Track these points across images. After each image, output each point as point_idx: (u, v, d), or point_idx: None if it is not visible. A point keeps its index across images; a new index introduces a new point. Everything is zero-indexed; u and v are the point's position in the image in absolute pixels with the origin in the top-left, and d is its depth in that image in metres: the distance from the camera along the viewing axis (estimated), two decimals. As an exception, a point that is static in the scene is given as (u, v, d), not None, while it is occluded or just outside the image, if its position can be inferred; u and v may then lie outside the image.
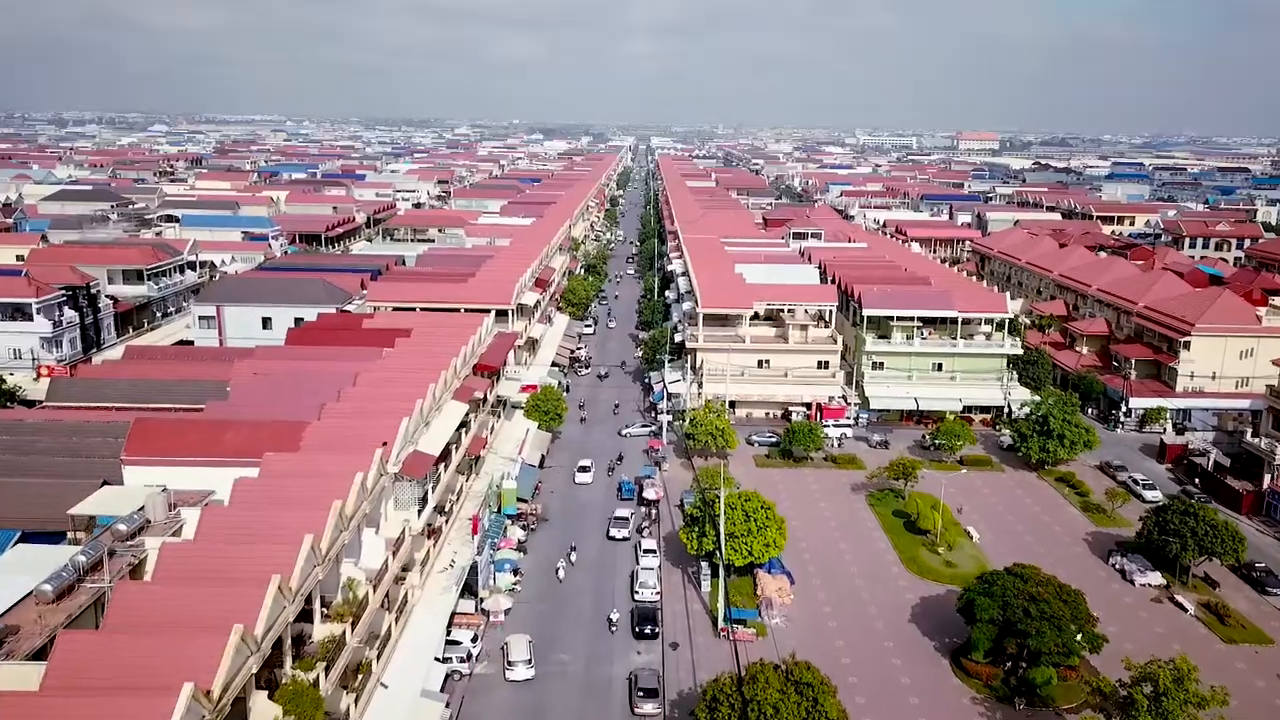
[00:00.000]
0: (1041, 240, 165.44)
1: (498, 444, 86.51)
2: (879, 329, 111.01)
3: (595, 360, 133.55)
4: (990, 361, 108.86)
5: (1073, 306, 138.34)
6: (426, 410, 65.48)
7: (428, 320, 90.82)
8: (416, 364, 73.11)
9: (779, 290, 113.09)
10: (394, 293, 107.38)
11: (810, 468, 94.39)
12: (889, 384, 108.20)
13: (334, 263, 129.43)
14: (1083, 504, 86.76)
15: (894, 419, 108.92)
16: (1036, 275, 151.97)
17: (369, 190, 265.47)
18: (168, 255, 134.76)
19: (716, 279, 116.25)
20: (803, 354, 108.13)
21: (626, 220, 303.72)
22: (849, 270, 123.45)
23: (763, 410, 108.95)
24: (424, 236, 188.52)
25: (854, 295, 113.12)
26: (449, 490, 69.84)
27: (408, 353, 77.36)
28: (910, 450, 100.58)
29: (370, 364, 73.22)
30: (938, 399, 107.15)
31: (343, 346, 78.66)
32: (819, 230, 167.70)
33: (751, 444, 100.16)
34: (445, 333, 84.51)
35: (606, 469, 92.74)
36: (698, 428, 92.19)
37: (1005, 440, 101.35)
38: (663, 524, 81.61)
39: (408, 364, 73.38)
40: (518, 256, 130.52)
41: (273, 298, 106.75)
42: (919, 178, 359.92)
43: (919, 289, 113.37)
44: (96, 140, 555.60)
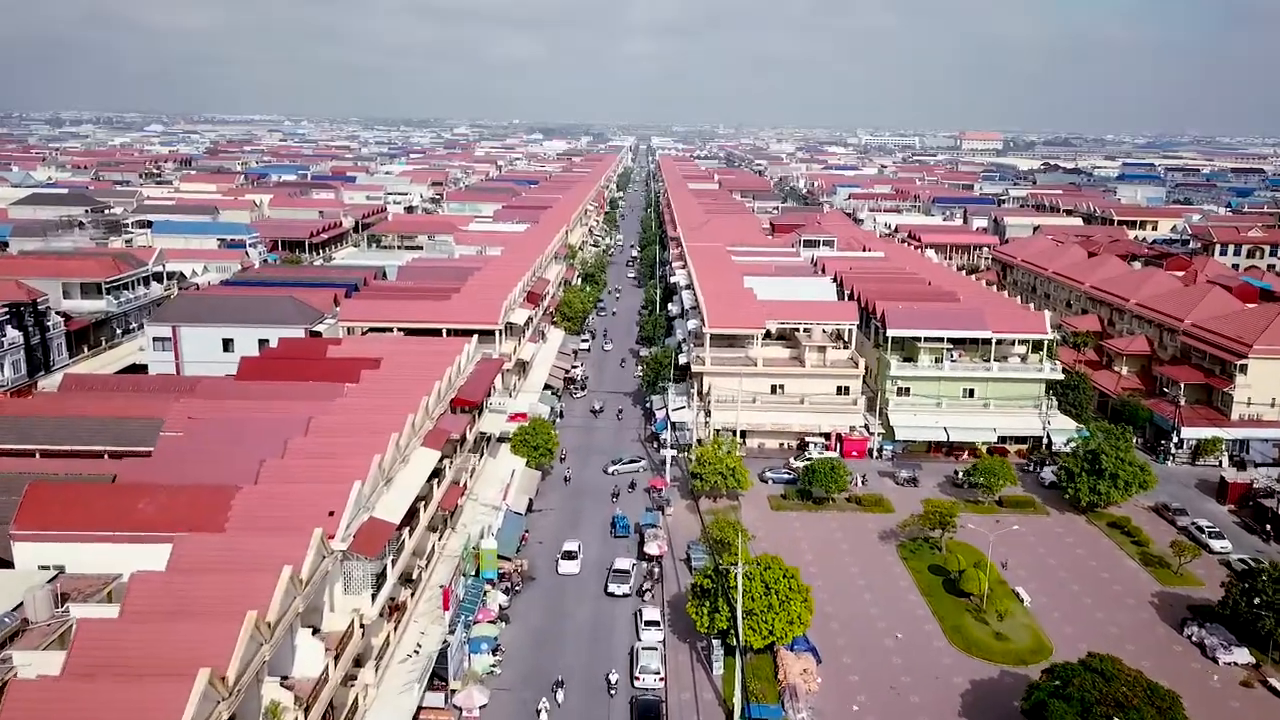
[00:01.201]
0: (1068, 248, 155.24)
1: (479, 487, 76.33)
2: (903, 350, 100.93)
3: (591, 383, 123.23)
4: (1027, 387, 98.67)
5: (1107, 322, 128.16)
6: (389, 465, 55.33)
7: (401, 347, 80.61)
8: (381, 405, 62.94)
9: (793, 308, 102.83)
10: (370, 311, 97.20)
11: (832, 511, 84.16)
12: (916, 412, 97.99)
13: (310, 275, 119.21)
14: (1142, 556, 76.51)
15: (920, 449, 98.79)
16: (1065, 287, 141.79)
17: (359, 193, 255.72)
18: (130, 266, 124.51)
19: (724, 295, 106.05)
20: (821, 378, 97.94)
21: (627, 223, 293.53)
22: (868, 284, 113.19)
23: (776, 440, 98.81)
24: (412, 244, 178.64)
25: (876, 313, 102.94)
26: (417, 555, 59.72)
27: (373, 389, 67.18)
28: (941, 488, 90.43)
29: (329, 404, 63.06)
30: (970, 429, 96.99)
31: (300, 382, 68.41)
32: (831, 238, 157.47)
33: (765, 481, 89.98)
34: (419, 362, 74.31)
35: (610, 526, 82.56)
36: (705, 466, 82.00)
37: (1047, 477, 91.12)
38: (667, 582, 71.42)
39: (371, 404, 63.22)
40: (508, 268, 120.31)
41: (235, 317, 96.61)
42: (927, 179, 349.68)
43: (947, 306, 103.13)
44: (89, 140, 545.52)
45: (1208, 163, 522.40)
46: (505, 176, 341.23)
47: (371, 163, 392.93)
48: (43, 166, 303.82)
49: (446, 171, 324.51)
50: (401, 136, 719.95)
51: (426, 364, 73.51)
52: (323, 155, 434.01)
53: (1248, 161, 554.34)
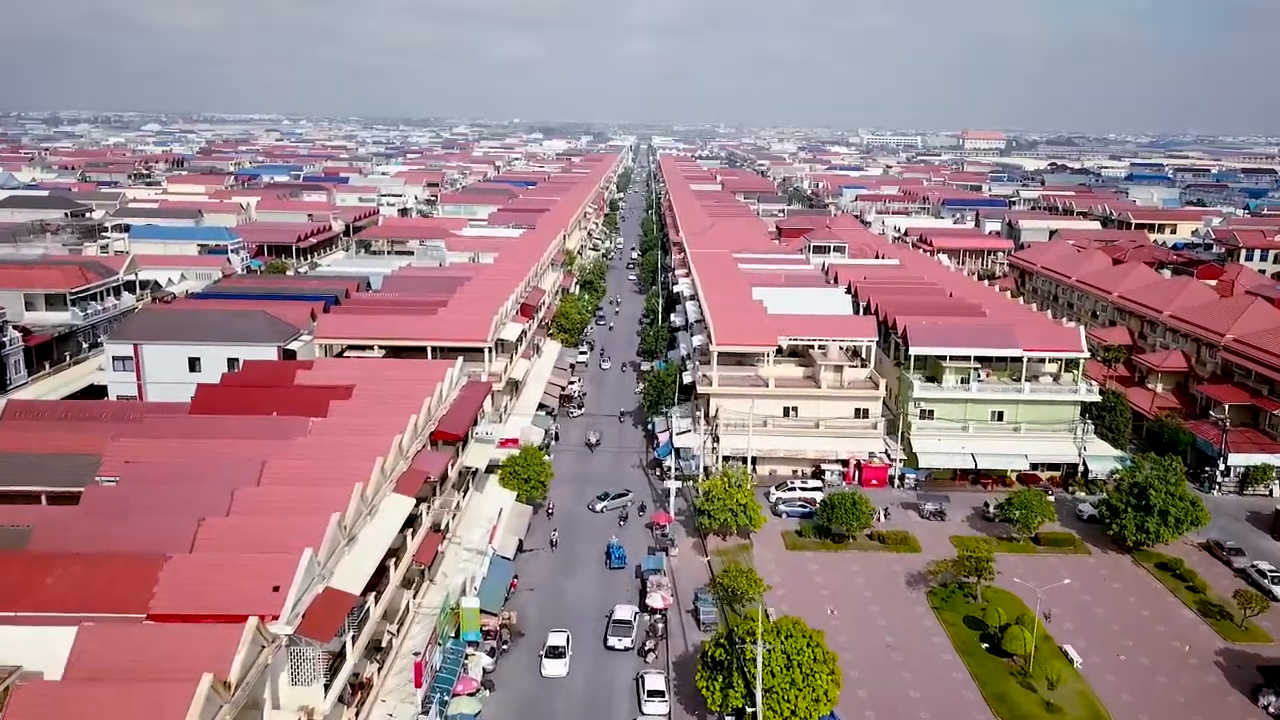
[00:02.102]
0: (1091, 255, 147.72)
1: (463, 529, 68.73)
2: (925, 369, 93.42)
3: (589, 399, 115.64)
4: (1061, 410, 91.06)
5: (1138, 334, 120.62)
6: (352, 522, 47.79)
7: (377, 372, 72.94)
8: (348, 445, 55.41)
9: (807, 323, 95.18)
10: (348, 327, 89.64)
11: (853, 550, 76.52)
12: (941, 437, 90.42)
13: (288, 286, 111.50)
14: (1199, 605, 68.91)
15: (944, 476, 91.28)
16: (1090, 296, 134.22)
17: (352, 195, 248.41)
18: (99, 275, 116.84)
19: (732, 309, 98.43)
20: (838, 400, 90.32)
21: (627, 225, 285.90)
22: (886, 296, 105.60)
23: (788, 467, 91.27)
24: (403, 249, 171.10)
25: (896, 329, 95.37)
26: (387, 617, 52.17)
27: (341, 425, 59.58)
28: (970, 522, 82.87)
29: (288, 444, 55.52)
30: (999, 455, 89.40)
31: (259, 417, 60.81)
32: (842, 244, 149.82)
33: (779, 514, 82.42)
34: (395, 391, 66.72)
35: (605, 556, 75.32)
36: (713, 503, 74.39)
37: (1086, 510, 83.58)
38: (673, 638, 63.85)
39: (336, 445, 55.67)
40: (501, 278, 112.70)
41: (202, 334, 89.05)
42: (934, 180, 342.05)
43: (974, 322, 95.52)
44: (82, 140, 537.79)
45: (1215, 163, 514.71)
46: (503, 177, 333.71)
47: (367, 163, 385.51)
48: (28, 167, 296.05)
49: (443, 172, 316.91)
50: (400, 136, 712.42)
51: (404, 392, 65.94)
52: (318, 155, 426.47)
53: (1255, 161, 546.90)
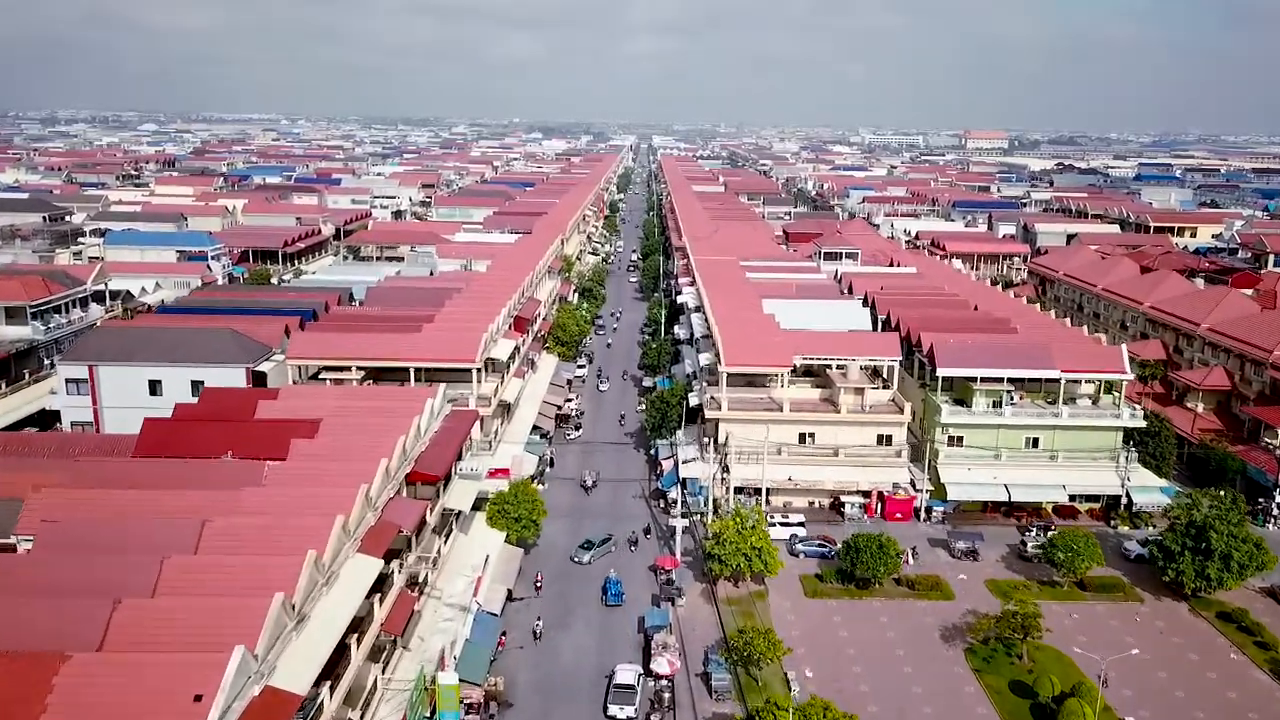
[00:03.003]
0: (1117, 262, 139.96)
1: (444, 579, 61.13)
2: (952, 391, 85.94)
3: (587, 418, 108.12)
4: (1101, 436, 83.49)
5: (1172, 348, 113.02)
6: (302, 599, 40.25)
7: (348, 401, 65.32)
8: (307, 496, 47.90)
9: (825, 341, 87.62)
10: (323, 346, 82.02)
11: (880, 597, 68.91)
12: (971, 466, 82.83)
13: (264, 299, 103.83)
14: (1271, 665, 61.33)
15: (974, 508, 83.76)
16: (1119, 306, 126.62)
17: (344, 197, 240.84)
18: (64, 286, 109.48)
19: (742, 324, 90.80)
20: (858, 426, 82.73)
21: (628, 227, 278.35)
22: (907, 310, 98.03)
23: (804, 498, 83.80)
24: (394, 254, 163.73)
25: (921, 347, 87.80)
26: (349, 701, 44.57)
27: (301, 470, 52.06)
28: (1006, 562, 75.31)
29: (237, 497, 47.98)
30: (1034, 486, 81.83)
31: (208, 461, 53.28)
32: (854, 249, 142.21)
33: (795, 554, 74.89)
34: (367, 424, 59.20)
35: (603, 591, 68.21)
36: (725, 546, 66.82)
37: (1133, 548, 76.03)
38: (681, 708, 56.30)
39: (294, 496, 48.14)
40: (493, 290, 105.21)
41: (164, 354, 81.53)
42: (940, 180, 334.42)
43: (1005, 339, 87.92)
44: (75, 140, 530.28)
45: (1222, 163, 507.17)
46: (500, 178, 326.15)
47: (363, 164, 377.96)
48: (12, 168, 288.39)
49: (439, 173, 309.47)
50: (399, 136, 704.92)
51: (375, 429, 58.40)
52: (313, 156, 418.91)
53: (1263, 161, 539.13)
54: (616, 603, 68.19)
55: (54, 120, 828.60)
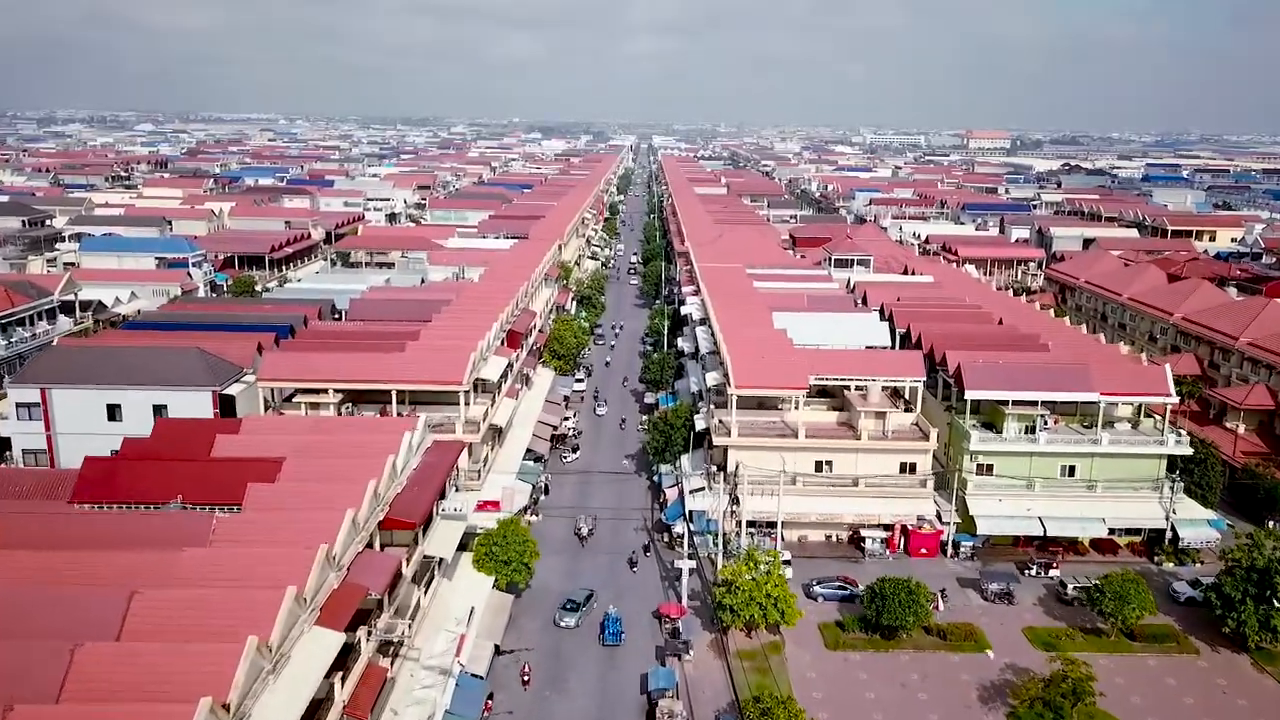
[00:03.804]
0: (1143, 269, 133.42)
1: (422, 637, 54.38)
2: (979, 414, 79.31)
3: (585, 439, 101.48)
4: (1143, 465, 76.79)
5: (1208, 363, 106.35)
6: (239, 698, 33.51)
7: (317, 436, 58.50)
8: (257, 558, 41.24)
9: (842, 360, 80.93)
10: (298, 367, 75.31)
11: (908, 649, 62.23)
12: (1002, 497, 76.13)
13: (239, 313, 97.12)
14: (1352, 731, 54.84)
15: (1005, 542, 77.12)
16: (1146, 317, 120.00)
17: (337, 199, 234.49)
18: (28, 297, 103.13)
19: (751, 341, 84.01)
20: (880, 453, 76.01)
21: (628, 229, 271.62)
22: (928, 324, 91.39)
23: (820, 532, 77.19)
24: (384, 260, 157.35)
25: (946, 366, 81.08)
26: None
27: (256, 522, 45.40)
28: (1043, 605, 68.64)
29: (178, 558, 41.31)
30: (1072, 520, 75.14)
31: (148, 513, 46.61)
32: (866, 256, 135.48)
33: (813, 597, 68.24)
34: (335, 467, 52.51)
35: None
36: (737, 596, 60.16)
37: (1182, 590, 69.40)
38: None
39: (243, 560, 41.45)
40: (485, 302, 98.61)
41: (124, 376, 74.82)
42: (947, 181, 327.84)
43: (1040, 359, 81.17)
44: (69, 141, 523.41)
45: (1228, 163, 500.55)
46: (498, 180, 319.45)
47: (359, 164, 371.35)
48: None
49: (435, 174, 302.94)
50: (397, 136, 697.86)
51: (345, 469, 51.74)
52: (308, 156, 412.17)
53: (1269, 161, 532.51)
54: (615, 642, 62.66)
55: (51, 120, 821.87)
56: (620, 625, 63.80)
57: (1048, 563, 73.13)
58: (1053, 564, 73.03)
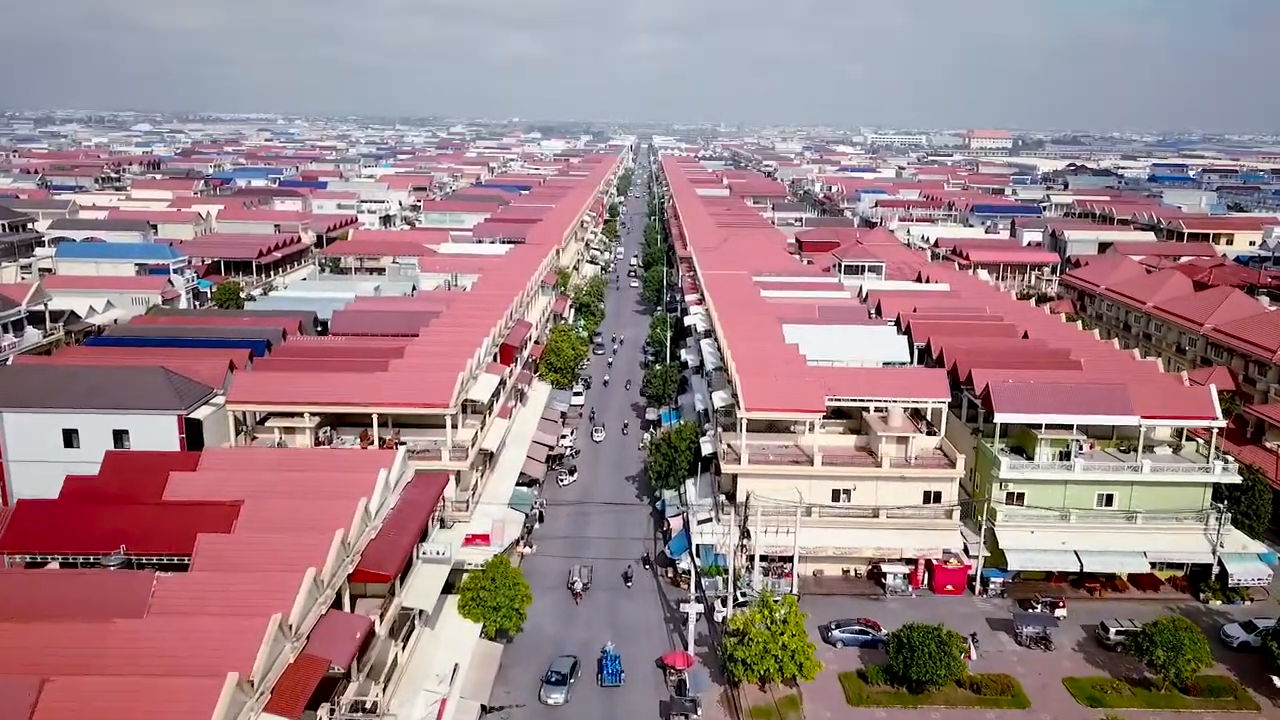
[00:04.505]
0: (1167, 276, 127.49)
1: (399, 699, 48.40)
2: (1008, 438, 73.45)
3: (583, 456, 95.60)
4: (1187, 493, 70.84)
5: (1242, 377, 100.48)
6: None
7: (282, 472, 52.45)
8: (199, 633, 35.36)
9: (861, 379, 74.94)
10: (270, 388, 69.31)
11: (939, 705, 56.28)
12: (1034, 529, 70.22)
13: (213, 326, 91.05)
14: None
15: (1037, 576, 71.23)
16: (1174, 327, 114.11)
17: (330, 201, 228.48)
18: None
19: (762, 359, 78.00)
20: (902, 481, 70.12)
21: (629, 233, 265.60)
22: (950, 338, 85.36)
23: (837, 567, 71.34)
24: (375, 265, 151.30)
25: (973, 385, 75.08)
26: None
27: (201, 586, 39.50)
28: (1083, 650, 62.80)
29: (105, 634, 35.42)
30: (1111, 554, 69.25)
31: (82, 573, 40.71)
32: (878, 262, 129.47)
33: (831, 642, 62.39)
34: (299, 513, 46.54)
35: None
36: (751, 648, 54.27)
37: (1235, 634, 63.53)
38: None
39: (178, 636, 35.56)
40: (478, 312, 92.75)
41: (83, 398, 68.86)
42: (952, 182, 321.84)
43: (1070, 377, 75.15)
44: (63, 141, 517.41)
45: (1234, 163, 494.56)
46: (496, 181, 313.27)
47: (355, 165, 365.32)
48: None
49: (431, 176, 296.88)
50: (396, 136, 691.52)
51: (310, 514, 45.83)
52: (304, 157, 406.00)
53: (1275, 161, 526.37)
54: (614, 682, 57.75)
55: (49, 120, 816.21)
56: (619, 664, 58.73)
57: (1054, 601, 67.24)
58: (1058, 602, 67.10)
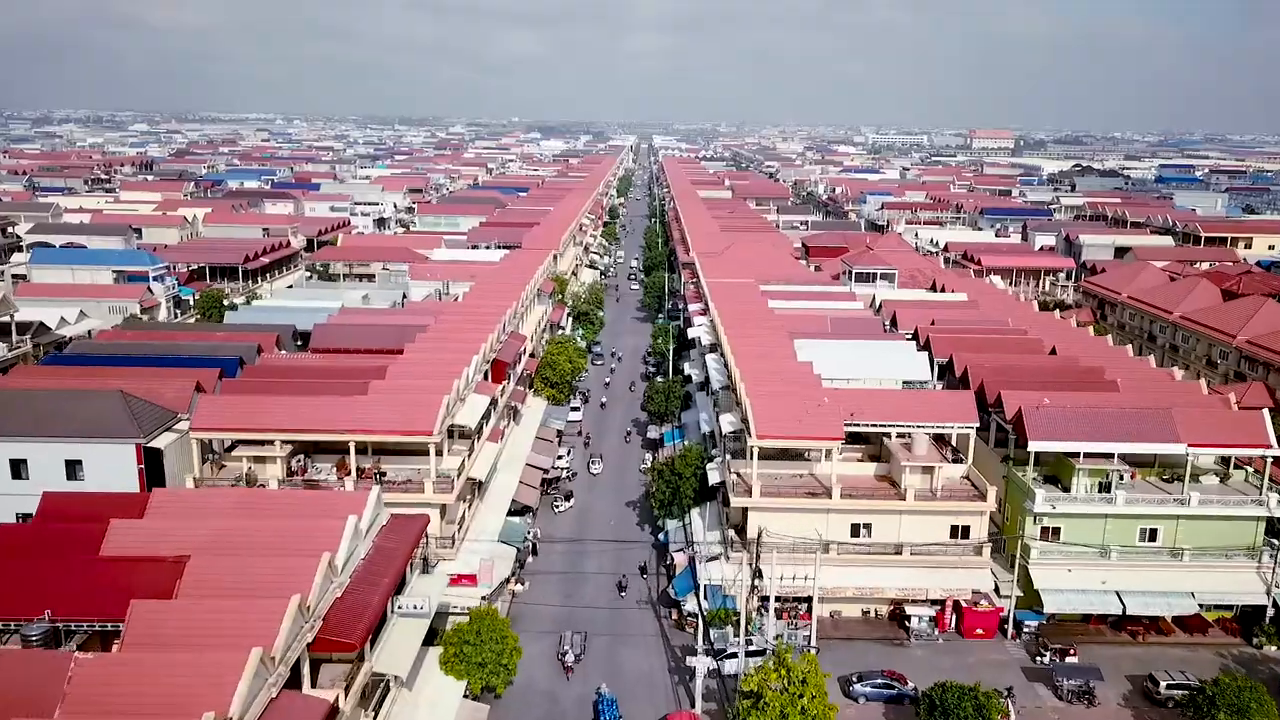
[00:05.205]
0: (1193, 284, 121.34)
1: (372, 781, 42.62)
2: (1040, 467, 67.61)
3: (578, 480, 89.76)
4: (1238, 528, 64.96)
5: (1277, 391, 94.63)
6: None
7: (237, 524, 46.43)
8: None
9: (881, 402, 68.92)
10: (239, 413, 63.42)
11: (975, 774, 50.65)
12: (1071, 567, 64.36)
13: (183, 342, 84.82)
14: None
15: (1074, 618, 65.43)
16: (1204, 339, 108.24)
17: (322, 203, 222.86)
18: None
19: (773, 379, 72.07)
20: (928, 515, 64.26)
21: (629, 235, 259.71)
22: (975, 355, 79.50)
23: (856, 607, 65.55)
24: (365, 271, 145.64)
25: (1003, 409, 69.19)
26: None
27: (129, 665, 33.67)
28: (1130, 705, 56.99)
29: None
30: (1155, 595, 63.42)
31: (12, 625, 34.89)
32: (890, 269, 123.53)
33: (853, 697, 56.58)
34: (251, 571, 40.66)
35: None
36: (765, 714, 48.38)
37: (1296, 687, 57.79)
38: None
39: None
40: (468, 326, 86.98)
41: (33, 425, 62.84)
42: (958, 183, 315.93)
43: (1108, 400, 69.26)
44: (58, 141, 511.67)
45: (1240, 164, 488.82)
46: (493, 182, 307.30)
47: (351, 165, 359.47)
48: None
49: (427, 177, 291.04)
50: (394, 136, 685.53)
51: (265, 574, 39.94)
52: (300, 157, 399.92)
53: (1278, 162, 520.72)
54: None
55: (47, 120, 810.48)
56: (617, 709, 53.69)
57: (1064, 649, 61.43)
58: (1069, 650, 61.33)
